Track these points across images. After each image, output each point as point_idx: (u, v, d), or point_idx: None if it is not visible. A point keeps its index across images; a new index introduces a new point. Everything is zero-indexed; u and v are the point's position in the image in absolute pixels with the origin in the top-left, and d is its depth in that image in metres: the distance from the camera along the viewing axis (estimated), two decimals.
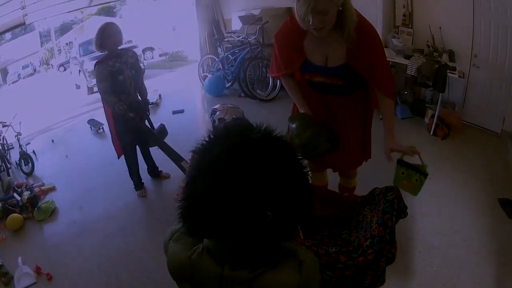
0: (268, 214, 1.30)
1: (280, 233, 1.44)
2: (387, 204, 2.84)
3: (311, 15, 2.61)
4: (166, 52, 22.90)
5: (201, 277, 1.57)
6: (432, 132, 6.84)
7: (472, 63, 6.71)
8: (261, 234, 1.37)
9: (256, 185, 1.30)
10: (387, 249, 2.68)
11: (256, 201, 1.29)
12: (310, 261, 1.58)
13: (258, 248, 1.46)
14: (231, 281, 1.51)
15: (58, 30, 23.93)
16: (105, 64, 5.23)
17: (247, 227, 1.34)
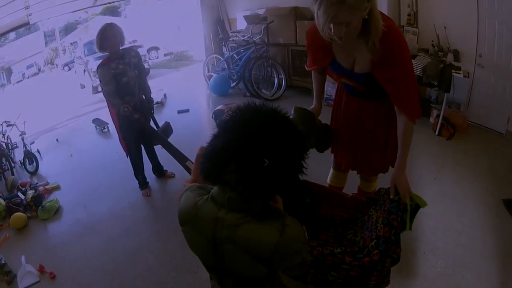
0: (265, 161, 1.72)
1: (273, 182, 1.78)
2: (392, 204, 2.82)
3: (331, 25, 2.53)
4: (171, 52, 22.93)
5: (201, 218, 1.96)
6: (437, 132, 6.81)
7: (477, 63, 6.68)
8: (259, 177, 1.74)
9: (258, 139, 1.75)
10: (392, 250, 2.66)
11: (257, 150, 1.73)
12: (295, 227, 1.90)
13: (253, 194, 1.80)
14: (222, 223, 1.89)
15: (63, 30, 24.01)
16: (108, 66, 5.20)
17: (249, 170, 1.74)
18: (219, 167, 1.81)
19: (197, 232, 2.05)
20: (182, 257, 4.52)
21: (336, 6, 2.41)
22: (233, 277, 2.07)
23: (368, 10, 2.50)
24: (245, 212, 1.87)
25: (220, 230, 1.91)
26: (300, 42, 9.53)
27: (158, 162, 6.47)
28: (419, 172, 5.69)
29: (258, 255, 1.87)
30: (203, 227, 1.98)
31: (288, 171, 1.84)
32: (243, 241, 1.87)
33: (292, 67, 10.11)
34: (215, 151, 1.83)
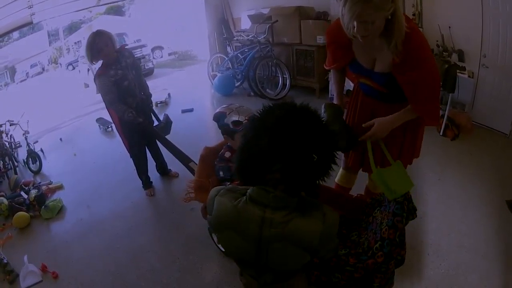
0: (314, 157, 1.95)
1: (317, 175, 2.05)
2: (397, 206, 2.81)
3: (356, 23, 2.53)
4: (175, 51, 22.93)
5: (245, 221, 2.06)
6: (441, 133, 6.77)
7: (481, 63, 6.64)
8: (306, 173, 1.98)
9: (306, 137, 1.95)
10: (396, 252, 2.64)
11: (307, 148, 1.95)
12: (332, 214, 2.10)
13: (298, 189, 2.04)
14: (270, 222, 2.01)
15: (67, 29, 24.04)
16: (107, 75, 5.06)
17: (297, 167, 1.94)
18: (264, 167, 2.00)
19: (239, 236, 2.12)
20: (185, 258, 4.50)
21: (361, 4, 2.42)
22: (273, 271, 2.21)
23: (392, 11, 2.50)
24: (289, 208, 2.03)
25: (268, 230, 2.03)
26: (305, 41, 9.53)
27: (163, 160, 6.46)
28: (423, 173, 5.68)
29: (307, 245, 2.04)
30: (248, 229, 2.07)
31: (329, 164, 2.09)
32: (293, 236, 2.01)
33: (297, 66, 10.06)
34: (260, 152, 1.99)
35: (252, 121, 2.19)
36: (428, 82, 2.88)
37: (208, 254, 4.48)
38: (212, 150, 4.03)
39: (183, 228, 5.09)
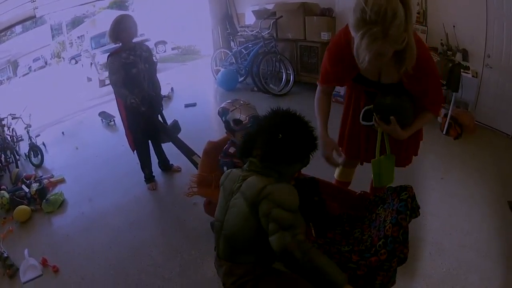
0: (279, 135, 2.47)
1: (284, 150, 2.47)
2: (401, 203, 2.78)
3: (370, 55, 2.49)
4: (178, 46, 22.94)
5: (229, 179, 2.67)
6: (444, 132, 6.75)
7: (485, 63, 6.61)
8: (274, 146, 2.46)
9: (275, 122, 2.56)
10: (399, 250, 2.63)
11: (274, 129, 2.50)
12: (283, 186, 2.43)
13: (269, 158, 2.50)
14: (239, 177, 2.58)
15: (70, 23, 24.02)
16: (119, 56, 5.18)
17: (268, 141, 2.49)
18: (250, 144, 2.63)
19: (223, 191, 2.69)
20: (187, 253, 4.47)
21: (379, 41, 2.39)
22: (225, 235, 2.59)
23: (405, 42, 2.48)
24: (257, 172, 2.55)
25: (235, 184, 2.58)
26: (309, 38, 9.54)
27: (165, 157, 6.44)
28: (426, 171, 5.66)
29: (249, 195, 2.42)
30: (227, 185, 2.65)
31: (294, 146, 2.49)
32: (244, 186, 2.50)
33: (301, 62, 10.06)
34: (248, 136, 2.69)
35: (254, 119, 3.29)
36: (437, 85, 3.03)
37: (210, 249, 4.39)
38: (215, 144, 4.03)
39: (185, 223, 5.07)
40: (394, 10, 2.30)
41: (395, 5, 2.31)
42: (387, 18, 2.31)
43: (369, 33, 2.37)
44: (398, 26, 2.36)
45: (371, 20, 2.33)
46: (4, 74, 21.31)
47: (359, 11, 2.37)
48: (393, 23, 2.33)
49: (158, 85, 5.78)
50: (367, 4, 2.31)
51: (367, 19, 2.34)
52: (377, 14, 2.30)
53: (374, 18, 2.32)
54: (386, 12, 2.29)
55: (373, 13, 2.30)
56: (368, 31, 2.37)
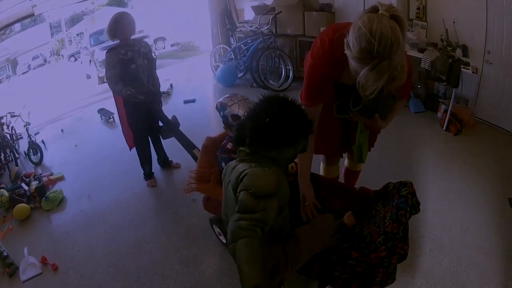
0: (266, 119, 2.47)
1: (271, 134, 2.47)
2: (401, 200, 2.79)
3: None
4: (177, 42, 22.92)
5: (227, 173, 2.69)
6: (444, 128, 6.74)
7: (485, 59, 6.59)
8: (262, 130, 2.48)
9: (263, 108, 2.56)
10: (399, 247, 2.64)
11: (262, 114, 2.51)
12: (259, 172, 2.41)
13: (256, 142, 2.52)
14: (232, 168, 2.60)
15: (69, 21, 23.98)
16: (117, 51, 5.19)
17: (256, 126, 2.50)
18: (242, 132, 2.58)
19: (224, 186, 2.72)
20: (187, 250, 4.47)
21: (387, 73, 2.31)
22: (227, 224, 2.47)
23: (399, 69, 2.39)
24: (245, 160, 2.56)
25: (228, 176, 2.62)
26: (308, 33, 9.55)
27: (164, 153, 6.43)
28: (426, 167, 5.68)
29: (233, 183, 2.47)
30: (225, 178, 2.69)
31: (281, 129, 2.48)
32: (231, 175, 2.54)
33: (300, 58, 10.02)
34: (239, 124, 2.67)
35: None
36: (410, 76, 3.00)
37: (209, 245, 4.46)
38: (214, 140, 4.02)
39: (185, 219, 5.06)
40: (398, 39, 2.25)
41: (397, 33, 2.25)
42: (393, 51, 2.25)
43: (377, 68, 2.28)
44: (400, 54, 2.31)
45: (378, 54, 2.25)
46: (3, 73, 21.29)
47: (364, 42, 2.26)
48: (396, 53, 2.27)
49: (157, 81, 5.77)
50: (373, 36, 2.22)
51: (374, 52, 2.24)
52: (385, 48, 2.22)
53: (382, 52, 2.23)
54: (393, 44, 2.23)
55: (382, 47, 2.22)
56: (377, 66, 2.28)
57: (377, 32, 2.20)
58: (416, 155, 5.72)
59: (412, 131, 6.76)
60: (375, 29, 2.21)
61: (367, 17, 2.27)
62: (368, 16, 2.28)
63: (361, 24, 2.27)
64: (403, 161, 5.82)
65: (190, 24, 21.55)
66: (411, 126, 6.89)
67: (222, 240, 4.36)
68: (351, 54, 2.38)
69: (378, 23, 2.22)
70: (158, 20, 22.52)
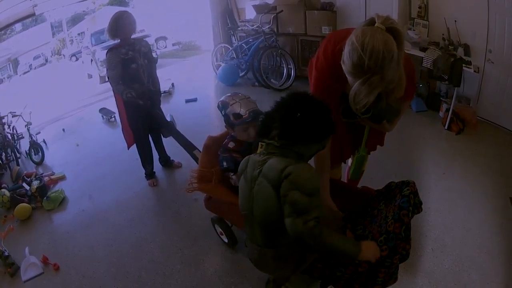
0: (298, 114, 2.45)
1: (303, 129, 2.47)
2: (403, 199, 2.77)
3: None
4: (179, 42, 22.92)
5: (249, 166, 2.67)
6: (446, 127, 6.71)
7: (487, 59, 6.55)
8: (294, 124, 2.46)
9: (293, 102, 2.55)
10: (401, 246, 2.63)
11: (293, 108, 2.50)
12: (303, 167, 2.44)
13: (289, 137, 2.50)
14: (258, 162, 2.59)
15: (70, 20, 24.00)
16: (117, 51, 5.19)
17: (287, 120, 2.49)
18: (269, 123, 2.58)
19: (244, 179, 2.70)
20: (188, 249, 4.46)
21: (379, 87, 2.37)
22: (259, 222, 2.61)
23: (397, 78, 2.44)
24: (275, 154, 2.56)
25: (256, 170, 2.58)
26: (310, 32, 9.54)
27: (165, 153, 6.42)
28: (428, 166, 5.65)
29: (272, 178, 2.44)
30: (248, 171, 2.65)
31: (312, 124, 2.48)
32: (265, 169, 2.51)
33: (302, 57, 10.04)
34: (267, 115, 2.64)
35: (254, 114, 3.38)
36: (414, 79, 3.11)
37: (211, 245, 4.45)
38: (215, 139, 4.00)
39: (186, 219, 5.05)
40: (391, 53, 2.26)
41: (391, 47, 2.26)
42: (385, 64, 2.26)
43: (369, 82, 2.31)
44: (394, 68, 2.33)
45: (369, 69, 2.28)
46: (4, 72, 21.30)
47: (355, 57, 2.29)
48: (389, 66, 2.29)
49: (157, 80, 5.76)
50: (364, 50, 2.25)
51: (365, 67, 2.28)
52: (376, 62, 2.25)
53: (373, 66, 2.26)
54: (384, 58, 2.24)
55: (372, 62, 2.24)
56: (368, 80, 2.32)
57: (368, 46, 2.23)
58: (418, 154, 5.71)
59: (414, 130, 6.74)
60: (366, 43, 2.24)
61: (361, 31, 2.31)
62: (363, 29, 2.32)
63: (354, 39, 2.31)
64: (404, 160, 5.81)
65: (191, 23, 21.57)
66: (413, 125, 6.87)
67: (224, 240, 4.35)
68: (345, 68, 2.43)
69: (370, 37, 2.25)
70: (160, 19, 22.54)
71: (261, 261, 2.77)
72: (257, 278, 3.82)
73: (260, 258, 2.75)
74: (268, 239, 2.63)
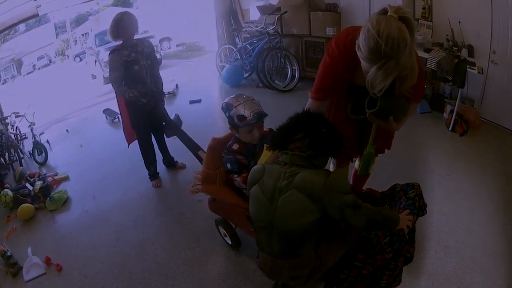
0: (323, 129, 2.69)
1: (328, 142, 2.71)
2: (408, 202, 2.83)
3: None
4: (183, 42, 22.96)
5: (267, 175, 2.69)
6: (450, 128, 6.68)
7: (491, 59, 6.54)
8: (320, 138, 2.68)
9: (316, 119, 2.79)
10: (406, 249, 2.68)
11: (318, 123, 2.74)
12: (336, 173, 2.75)
13: (319, 150, 2.69)
14: (284, 175, 2.60)
15: (74, 21, 24.09)
16: (120, 53, 5.17)
17: (316, 134, 2.69)
18: (289, 136, 2.76)
19: (260, 189, 2.69)
20: (191, 251, 4.44)
21: (394, 72, 2.44)
22: (280, 234, 2.62)
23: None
24: (301, 166, 2.64)
25: (282, 181, 2.59)
26: (314, 33, 9.51)
27: (169, 154, 6.41)
28: (431, 168, 5.63)
29: (310, 191, 2.47)
30: (268, 182, 2.66)
31: (333, 138, 2.74)
32: (299, 183, 2.51)
33: (306, 58, 10.01)
34: (288, 127, 2.81)
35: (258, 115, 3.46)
36: (422, 80, 3.13)
37: (214, 246, 4.44)
38: (220, 141, 3.98)
39: (190, 220, 5.03)
40: (405, 40, 2.34)
41: (405, 35, 2.34)
42: (400, 50, 2.34)
43: (385, 67, 2.39)
44: (408, 55, 2.39)
45: (385, 54, 2.35)
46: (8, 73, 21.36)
47: (372, 42, 2.37)
48: (404, 53, 2.36)
49: (160, 81, 5.75)
50: (380, 36, 2.33)
51: (381, 52, 2.35)
52: (392, 47, 2.33)
53: (389, 52, 2.34)
54: (399, 44, 2.32)
55: (388, 47, 2.33)
56: (384, 65, 2.39)
57: (384, 33, 2.31)
58: (422, 155, 5.70)
59: (418, 131, 6.72)
60: (382, 30, 2.32)
61: (376, 19, 2.38)
62: (377, 18, 2.39)
63: (369, 26, 2.38)
64: (408, 161, 5.79)
65: (195, 24, 21.61)
66: (417, 127, 6.85)
67: (228, 242, 4.33)
68: (361, 55, 2.48)
69: (385, 25, 2.32)
70: (163, 20, 22.60)
71: (277, 271, 2.78)
72: (261, 280, 3.81)
73: (276, 269, 2.76)
74: (287, 249, 2.65)
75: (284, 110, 2.58)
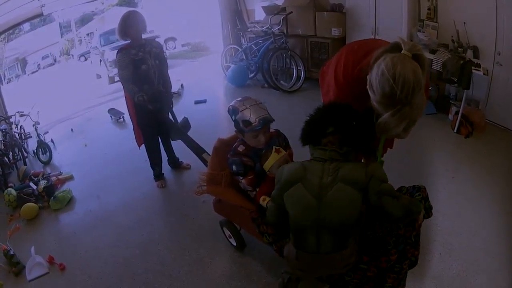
0: (354, 123, 2.73)
1: (359, 135, 2.78)
2: None
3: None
4: (188, 42, 22.94)
5: (310, 173, 2.71)
6: (455, 130, 6.64)
7: (496, 61, 6.48)
8: (352, 132, 2.74)
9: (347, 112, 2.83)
10: (410, 252, 2.66)
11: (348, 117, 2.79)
12: (374, 164, 2.74)
13: (351, 144, 2.77)
14: (327, 171, 2.68)
15: (79, 21, 24.11)
16: (128, 52, 5.17)
17: (347, 128, 2.76)
18: (321, 131, 2.83)
19: (304, 186, 2.70)
20: (195, 251, 4.42)
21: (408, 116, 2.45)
22: (331, 228, 2.63)
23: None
24: (340, 160, 2.73)
25: (326, 178, 2.66)
26: (319, 34, 9.46)
27: (174, 154, 6.40)
28: (437, 170, 5.61)
29: (356, 181, 2.59)
30: (312, 179, 2.69)
31: (364, 131, 2.80)
32: (345, 176, 2.61)
33: (311, 59, 9.97)
34: (317, 121, 2.87)
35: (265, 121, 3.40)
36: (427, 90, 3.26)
37: (219, 248, 4.42)
38: (225, 142, 3.96)
39: (194, 221, 5.01)
40: (420, 84, 2.31)
41: (419, 77, 2.31)
42: (415, 95, 2.32)
43: (399, 114, 2.38)
44: (421, 95, 2.39)
45: (400, 100, 2.34)
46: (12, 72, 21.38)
47: (388, 88, 2.34)
48: (418, 95, 2.35)
49: (168, 81, 5.74)
50: (396, 82, 2.30)
51: (396, 98, 2.33)
52: (407, 94, 2.32)
53: (404, 98, 2.32)
54: (414, 89, 2.30)
55: (404, 94, 2.31)
56: (399, 112, 2.38)
57: (400, 78, 2.28)
58: (427, 157, 5.68)
59: (423, 133, 6.67)
60: (398, 75, 2.29)
61: (391, 60, 2.33)
62: (392, 58, 2.34)
63: (384, 68, 2.33)
64: (413, 163, 5.77)
65: (200, 24, 21.59)
66: (422, 128, 6.79)
67: (232, 243, 4.31)
68: (374, 97, 2.48)
69: (401, 68, 2.29)
70: (169, 20, 22.58)
71: (330, 266, 2.76)
72: (265, 281, 3.80)
73: (326, 265, 2.75)
74: (339, 242, 2.66)
75: (290, 110, 2.58)
